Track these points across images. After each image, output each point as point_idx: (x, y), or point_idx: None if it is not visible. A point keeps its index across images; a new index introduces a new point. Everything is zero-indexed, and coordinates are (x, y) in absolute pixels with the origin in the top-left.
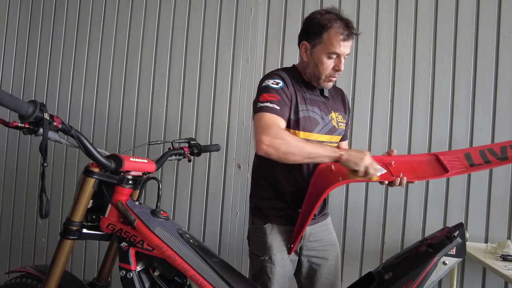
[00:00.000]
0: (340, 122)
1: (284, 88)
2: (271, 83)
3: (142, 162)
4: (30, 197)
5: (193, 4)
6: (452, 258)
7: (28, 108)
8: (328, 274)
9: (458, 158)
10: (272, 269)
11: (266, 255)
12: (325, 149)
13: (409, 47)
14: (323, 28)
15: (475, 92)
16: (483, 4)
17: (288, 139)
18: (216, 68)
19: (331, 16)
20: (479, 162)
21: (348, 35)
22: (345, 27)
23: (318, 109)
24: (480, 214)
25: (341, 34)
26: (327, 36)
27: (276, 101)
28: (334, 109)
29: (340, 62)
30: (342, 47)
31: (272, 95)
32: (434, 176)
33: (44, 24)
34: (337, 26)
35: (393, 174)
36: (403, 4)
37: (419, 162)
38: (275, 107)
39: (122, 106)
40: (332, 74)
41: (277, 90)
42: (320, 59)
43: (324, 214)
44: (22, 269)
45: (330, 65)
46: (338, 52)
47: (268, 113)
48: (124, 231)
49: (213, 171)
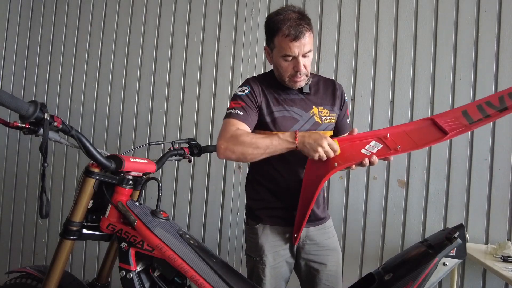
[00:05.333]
0: (325, 116)
1: (249, 94)
2: (239, 91)
3: (142, 163)
4: (30, 197)
5: (193, 4)
6: (452, 259)
7: (28, 108)
8: (328, 281)
9: (456, 118)
10: (264, 270)
11: (257, 256)
12: (280, 141)
13: (410, 47)
14: (273, 32)
15: (475, 93)
16: (484, 5)
17: (242, 139)
18: (217, 68)
19: (279, 18)
20: (478, 117)
21: (296, 35)
22: (293, 27)
23: (296, 107)
24: (481, 215)
25: (287, 36)
26: (277, 40)
27: (239, 107)
28: (316, 104)
29: (298, 62)
30: (294, 48)
31: (236, 102)
32: (433, 141)
33: (45, 24)
34: (284, 29)
35: (390, 148)
36: (403, 4)
37: (415, 129)
38: (238, 112)
39: (123, 106)
40: (294, 75)
41: (242, 97)
42: (278, 63)
43: (323, 217)
44: (22, 269)
45: (289, 67)
46: (290, 54)
47: (230, 119)
48: (124, 231)
49: (213, 172)
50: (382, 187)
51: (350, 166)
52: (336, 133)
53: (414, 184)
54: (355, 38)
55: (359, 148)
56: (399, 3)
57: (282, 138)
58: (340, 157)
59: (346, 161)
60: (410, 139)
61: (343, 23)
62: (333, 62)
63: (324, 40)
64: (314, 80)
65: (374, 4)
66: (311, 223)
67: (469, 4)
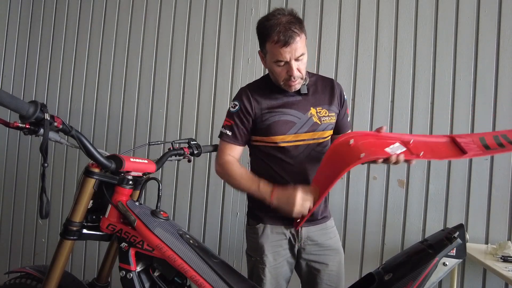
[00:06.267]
0: (323, 116)
1: (239, 110)
2: (231, 107)
3: (142, 163)
4: (31, 198)
5: (193, 4)
6: (452, 259)
7: (28, 108)
8: (329, 281)
9: (474, 141)
10: (264, 270)
11: (257, 255)
12: (258, 193)
13: (410, 47)
14: (264, 38)
15: (476, 93)
16: (484, 5)
17: (230, 173)
18: (217, 68)
19: (268, 23)
20: (493, 146)
21: (286, 41)
22: (283, 33)
23: (293, 109)
24: (481, 215)
25: (277, 42)
26: (268, 46)
27: (229, 126)
28: (314, 105)
29: (291, 67)
30: (285, 54)
31: (228, 120)
32: (452, 156)
33: (45, 24)
34: (273, 35)
35: (413, 152)
36: (403, 5)
37: (436, 143)
38: (227, 133)
39: (123, 106)
40: (288, 79)
41: (232, 115)
42: (271, 68)
43: (324, 217)
44: (22, 270)
45: (282, 72)
46: (282, 59)
47: (222, 141)
48: (124, 231)
49: (213, 172)
50: (382, 187)
51: (376, 160)
52: (336, 132)
53: (414, 184)
54: (355, 38)
55: (383, 146)
56: (399, 3)
57: (261, 190)
58: (367, 149)
59: (372, 154)
60: (431, 149)
61: (343, 23)
62: (333, 62)
63: (324, 40)
64: (312, 79)
65: (374, 4)
66: (312, 222)
67: (469, 4)
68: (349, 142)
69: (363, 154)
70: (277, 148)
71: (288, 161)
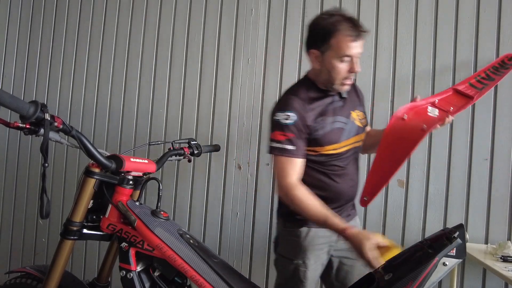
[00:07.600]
0: (361, 119)
1: (298, 122)
2: (283, 118)
3: (142, 163)
4: (31, 197)
5: (193, 5)
6: (452, 259)
7: (29, 108)
8: (359, 276)
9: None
10: (305, 273)
11: (300, 259)
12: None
13: (410, 47)
14: (330, 33)
15: None
16: (484, 5)
17: (298, 204)
18: (217, 68)
19: (335, 18)
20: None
21: (357, 35)
22: (353, 28)
23: (340, 116)
24: (480, 215)
25: (349, 36)
26: (335, 41)
27: (289, 139)
28: (352, 108)
29: (355, 63)
30: (354, 49)
31: (284, 134)
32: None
33: (45, 24)
34: (344, 29)
35: (444, 109)
36: (403, 4)
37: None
38: (287, 148)
39: (123, 106)
40: (347, 77)
41: (289, 127)
42: (333, 65)
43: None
44: (22, 269)
45: (344, 69)
46: (350, 54)
47: (283, 157)
48: (124, 231)
49: (213, 172)
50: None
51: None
52: None
53: (414, 184)
54: None
55: (424, 114)
56: (399, 3)
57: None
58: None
59: (429, 124)
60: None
61: None
62: None
63: None
64: None
65: (374, 4)
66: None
67: (469, 4)
68: (402, 117)
69: (424, 126)
70: (329, 155)
71: (339, 165)
